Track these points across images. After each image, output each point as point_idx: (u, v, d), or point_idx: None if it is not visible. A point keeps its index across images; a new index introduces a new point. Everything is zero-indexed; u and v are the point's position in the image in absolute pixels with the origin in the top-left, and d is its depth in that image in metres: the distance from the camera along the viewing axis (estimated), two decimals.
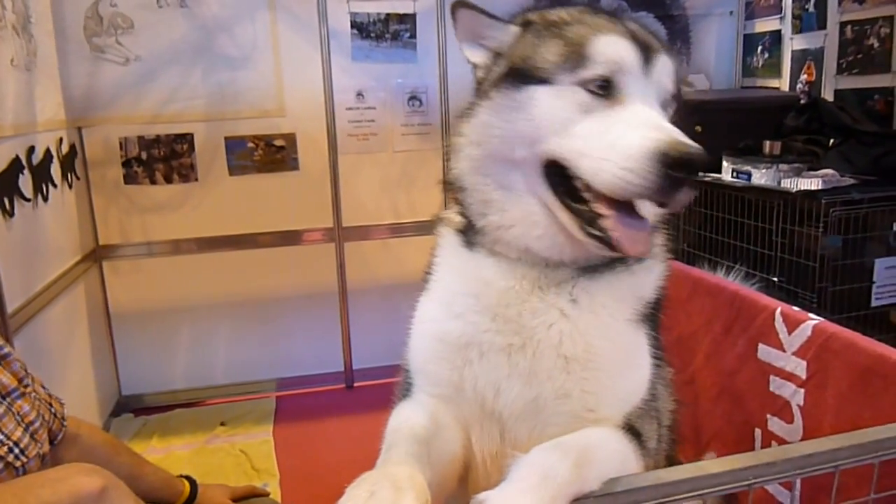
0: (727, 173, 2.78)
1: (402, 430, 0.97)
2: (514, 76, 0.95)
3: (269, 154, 3.25)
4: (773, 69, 3.48)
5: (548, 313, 0.97)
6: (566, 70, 0.91)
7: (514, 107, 0.93)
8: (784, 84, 3.40)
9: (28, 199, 2.39)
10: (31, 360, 1.33)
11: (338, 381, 3.45)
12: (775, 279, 2.51)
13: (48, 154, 2.63)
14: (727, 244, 2.72)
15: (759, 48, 3.57)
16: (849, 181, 2.45)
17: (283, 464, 2.72)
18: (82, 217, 3.02)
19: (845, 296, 2.37)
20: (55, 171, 2.69)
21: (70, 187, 2.88)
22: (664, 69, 0.94)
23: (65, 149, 2.83)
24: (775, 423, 1.48)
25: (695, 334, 1.79)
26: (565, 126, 0.90)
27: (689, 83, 3.58)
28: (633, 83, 0.91)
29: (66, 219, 2.84)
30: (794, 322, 1.43)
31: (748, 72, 3.67)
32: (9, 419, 1.15)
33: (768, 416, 1.50)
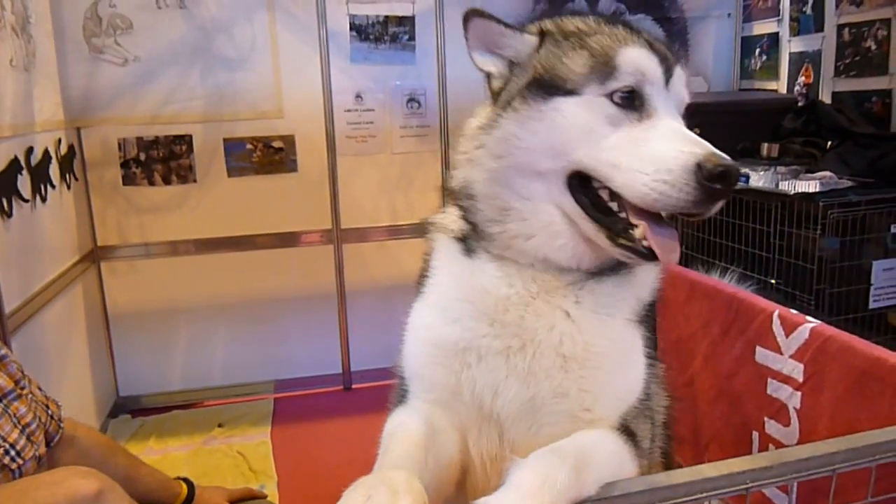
0: None
1: (399, 434, 0.97)
2: (539, 87, 0.94)
3: (267, 155, 3.25)
4: (770, 71, 3.49)
5: (552, 315, 0.97)
6: (594, 81, 0.91)
7: (541, 118, 0.93)
8: (782, 86, 3.41)
9: (26, 200, 2.39)
10: (29, 361, 1.33)
11: (336, 383, 3.45)
12: (773, 281, 2.51)
13: (47, 155, 2.62)
14: (725, 246, 2.72)
15: (757, 50, 3.57)
16: (846, 183, 2.46)
17: (280, 465, 2.72)
18: (80, 218, 3.01)
19: (843, 298, 2.37)
20: (53, 171, 2.68)
21: (68, 188, 2.88)
22: (680, 79, 0.96)
23: (63, 149, 2.83)
24: (772, 426, 1.49)
25: (693, 336, 1.79)
26: (594, 138, 0.90)
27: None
28: (656, 94, 0.92)
29: (64, 219, 2.84)
30: (791, 325, 1.43)
31: (746, 74, 3.68)
32: (5, 421, 1.14)
33: (765, 419, 1.50)
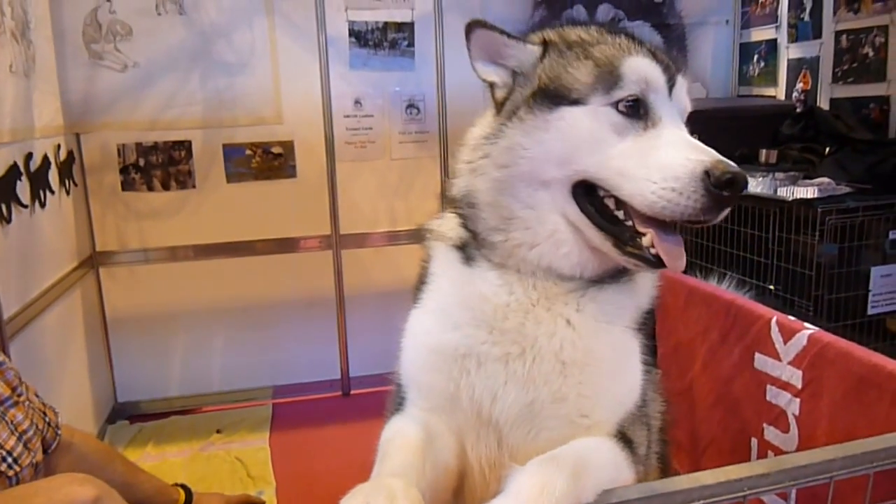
0: None
1: (396, 440, 0.97)
2: (544, 97, 0.94)
3: (266, 161, 3.25)
4: (769, 78, 3.50)
5: (552, 322, 0.97)
6: (599, 91, 0.92)
7: (546, 128, 0.93)
8: (780, 93, 3.41)
9: (25, 206, 2.39)
10: (27, 367, 1.33)
11: (334, 389, 3.44)
12: (772, 287, 2.51)
13: (46, 160, 2.63)
14: (723, 252, 2.72)
15: (755, 57, 3.58)
16: (844, 189, 2.46)
17: (279, 471, 2.71)
18: (79, 223, 3.01)
19: (841, 304, 2.37)
20: (53, 177, 2.68)
21: (67, 193, 2.88)
22: (683, 88, 0.97)
23: (62, 155, 2.83)
24: (771, 432, 1.49)
25: (692, 343, 1.79)
26: (601, 147, 0.91)
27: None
28: (660, 103, 0.93)
29: (63, 225, 2.83)
30: (789, 331, 1.43)
31: (744, 80, 3.68)
32: (2, 428, 1.14)
33: (764, 425, 1.50)
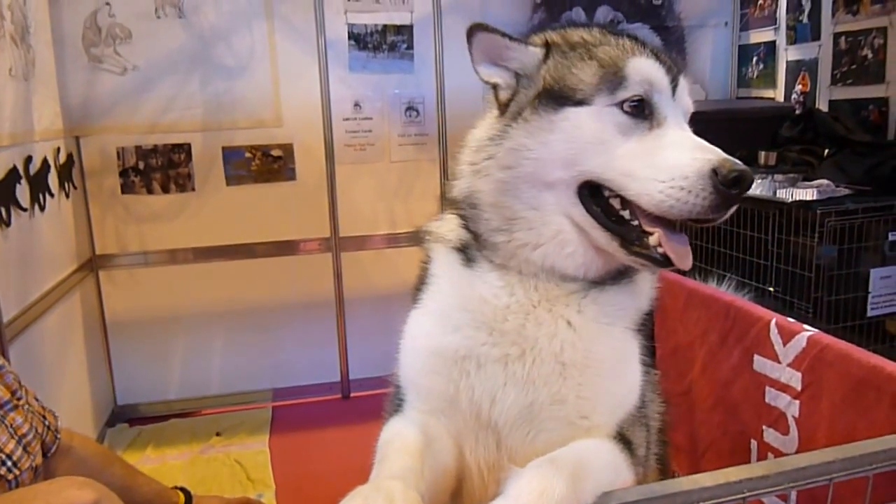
0: None
1: (395, 443, 0.97)
2: (549, 98, 0.94)
3: (265, 164, 3.26)
4: (767, 80, 3.50)
5: (553, 324, 0.97)
6: (604, 91, 0.92)
7: (551, 129, 0.93)
8: (779, 94, 3.42)
9: (25, 209, 2.39)
10: (27, 370, 1.33)
11: (334, 392, 3.44)
12: (771, 289, 2.51)
13: (45, 163, 2.63)
14: (723, 254, 2.72)
15: (754, 59, 3.59)
16: (843, 191, 2.47)
17: (278, 474, 2.71)
18: (79, 226, 3.01)
19: (841, 306, 2.37)
20: (52, 180, 2.69)
21: (67, 197, 2.88)
22: (685, 89, 0.98)
23: (62, 158, 2.83)
24: (771, 434, 1.48)
25: (691, 345, 1.79)
26: (606, 147, 0.91)
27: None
28: (664, 103, 0.93)
29: (62, 228, 2.84)
30: (788, 333, 1.43)
31: (743, 82, 3.69)
32: (1, 431, 1.14)
33: (764, 428, 1.50)
